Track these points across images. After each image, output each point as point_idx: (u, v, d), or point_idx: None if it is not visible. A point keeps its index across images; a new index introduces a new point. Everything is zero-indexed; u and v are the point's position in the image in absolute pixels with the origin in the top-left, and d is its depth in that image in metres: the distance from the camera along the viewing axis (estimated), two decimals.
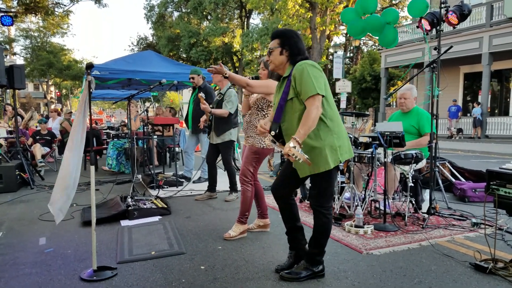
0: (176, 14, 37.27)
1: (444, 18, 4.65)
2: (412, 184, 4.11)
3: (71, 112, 11.26)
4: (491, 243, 3.02)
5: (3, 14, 6.95)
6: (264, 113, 3.62)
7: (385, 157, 3.93)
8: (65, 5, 21.35)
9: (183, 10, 35.97)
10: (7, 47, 27.66)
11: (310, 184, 4.51)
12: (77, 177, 2.88)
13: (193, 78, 5.88)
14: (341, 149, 2.59)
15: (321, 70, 2.57)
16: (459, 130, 17.27)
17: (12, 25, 7.61)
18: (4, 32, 29.51)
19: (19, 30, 33.99)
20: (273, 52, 2.74)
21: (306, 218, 4.26)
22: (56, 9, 20.99)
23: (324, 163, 2.55)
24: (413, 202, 4.22)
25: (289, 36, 2.72)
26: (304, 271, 2.72)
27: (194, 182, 6.49)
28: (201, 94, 4.99)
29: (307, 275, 2.71)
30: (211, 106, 5.07)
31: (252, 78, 3.80)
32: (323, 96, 2.50)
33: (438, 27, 4.73)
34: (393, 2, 32.38)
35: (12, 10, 17.46)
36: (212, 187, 5.35)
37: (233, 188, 5.25)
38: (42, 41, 35.65)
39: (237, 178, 4.57)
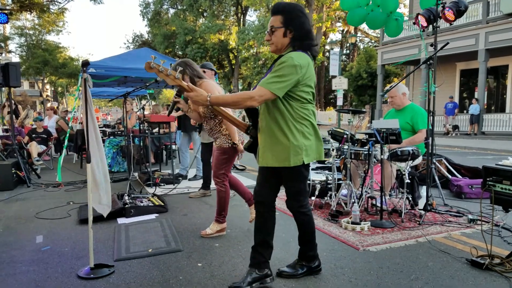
0: (171, 11, 37.12)
1: (440, 15, 4.65)
2: (409, 181, 4.12)
3: (67, 111, 11.22)
4: (488, 239, 3.04)
5: None
6: (219, 119, 3.53)
7: (381, 154, 3.94)
8: (60, 2, 21.21)
9: (179, 7, 35.83)
10: (2, 45, 27.47)
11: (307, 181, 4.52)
12: (106, 171, 3.02)
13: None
14: (307, 151, 2.44)
15: (300, 67, 2.31)
16: (455, 127, 17.32)
17: (7, 22, 7.55)
18: None
19: (14, 28, 33.77)
20: (275, 32, 2.42)
21: None
22: (51, 7, 20.86)
23: (284, 160, 2.43)
24: (410, 198, 4.23)
25: (294, 14, 2.39)
26: (300, 268, 2.72)
27: (190, 179, 6.50)
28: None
29: (304, 272, 2.71)
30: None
31: (177, 94, 3.42)
32: (278, 96, 2.33)
33: (434, 24, 4.73)
34: None
35: (7, 7, 17.34)
36: (206, 184, 5.34)
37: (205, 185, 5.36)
38: (37, 39, 35.42)
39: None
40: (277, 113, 2.41)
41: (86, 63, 2.99)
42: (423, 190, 4.49)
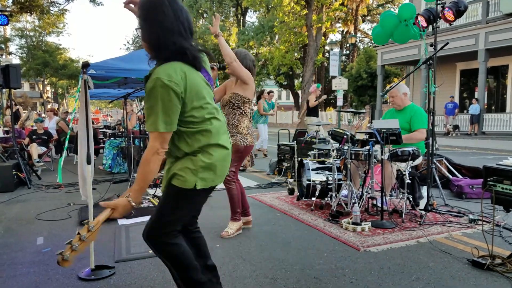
0: None
1: (440, 15, 4.66)
2: (409, 181, 4.12)
3: (67, 112, 11.20)
4: (489, 239, 3.04)
5: None
6: (241, 111, 3.56)
7: (382, 154, 3.94)
8: (60, 4, 21.21)
9: None
10: (3, 46, 27.50)
11: (307, 182, 4.52)
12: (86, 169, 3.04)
13: None
14: (204, 173, 1.86)
15: (175, 85, 1.72)
16: (456, 127, 17.32)
17: (7, 24, 7.56)
18: None
19: (15, 29, 33.86)
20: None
21: (304, 216, 4.27)
22: (51, 8, 20.87)
23: (183, 181, 1.85)
24: (410, 199, 4.23)
25: (145, 12, 1.81)
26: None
27: None
28: None
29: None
30: None
31: (219, 67, 3.63)
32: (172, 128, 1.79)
33: (434, 24, 4.73)
34: None
35: (7, 9, 17.36)
36: None
37: None
38: (37, 40, 35.50)
39: None
40: (172, 146, 1.89)
41: (86, 65, 3.00)
42: (423, 190, 4.49)
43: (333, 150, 4.65)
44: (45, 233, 3.84)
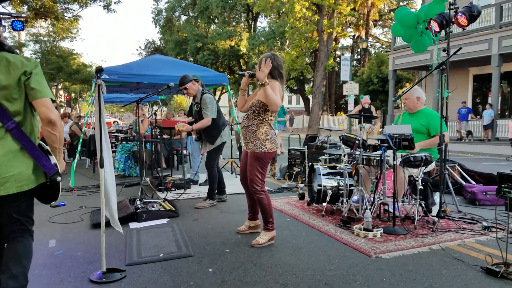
0: (183, 18, 37.52)
1: (453, 20, 4.62)
2: (422, 187, 4.08)
3: (80, 116, 11.33)
4: (503, 246, 2.99)
5: (14, 19, 7.04)
6: (261, 118, 3.51)
7: (394, 160, 3.90)
8: (74, 10, 21.59)
9: (191, 14, 36.20)
10: (18, 51, 27.98)
11: (318, 187, 4.50)
12: (113, 181, 3.00)
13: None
14: None
15: None
16: (469, 133, 17.09)
17: (23, 30, 7.68)
18: (14, 37, 29.95)
19: (29, 35, 34.43)
20: None
21: (314, 221, 4.25)
22: (65, 14, 21.24)
23: None
24: (423, 205, 4.18)
25: None
26: None
27: (200, 184, 6.51)
28: (178, 125, 4.92)
29: None
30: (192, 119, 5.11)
31: (250, 75, 3.70)
32: None
33: (447, 29, 4.70)
34: (401, 4, 32.24)
35: (23, 15, 17.70)
36: (220, 190, 5.31)
37: (210, 194, 5.08)
38: (51, 45, 36.07)
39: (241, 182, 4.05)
40: None
41: (100, 70, 3.03)
42: (436, 197, 4.43)
43: (344, 155, 4.62)
44: (57, 235, 3.88)
